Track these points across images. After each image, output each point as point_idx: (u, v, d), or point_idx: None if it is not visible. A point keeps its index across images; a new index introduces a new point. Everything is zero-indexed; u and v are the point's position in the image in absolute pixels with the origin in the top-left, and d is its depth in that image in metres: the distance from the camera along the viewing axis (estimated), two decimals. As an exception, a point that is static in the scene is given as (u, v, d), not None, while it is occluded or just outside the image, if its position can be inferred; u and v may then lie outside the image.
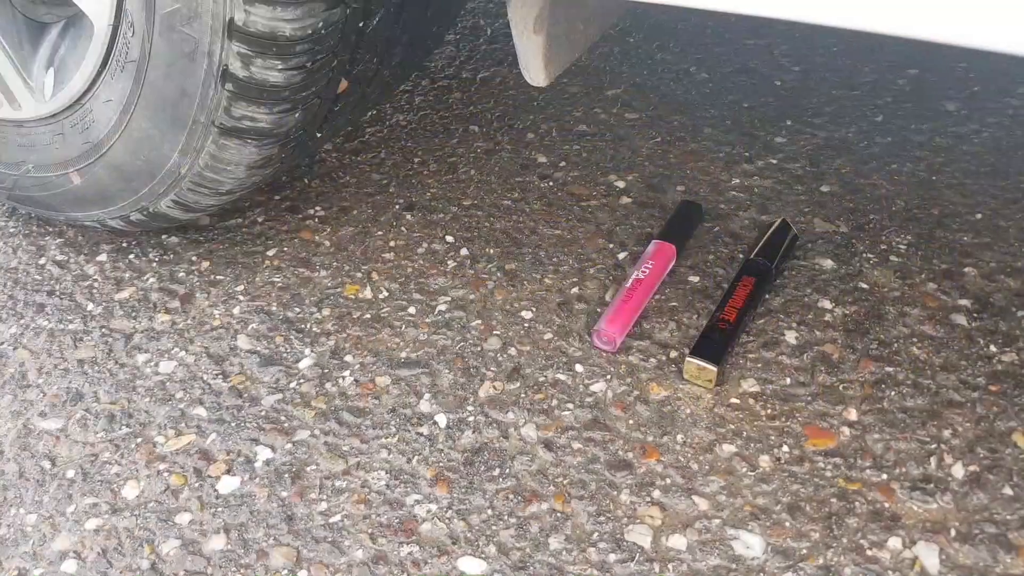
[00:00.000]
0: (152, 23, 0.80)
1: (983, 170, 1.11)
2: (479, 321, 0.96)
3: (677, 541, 0.74)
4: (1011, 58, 1.33)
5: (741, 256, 1.01)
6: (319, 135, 0.96)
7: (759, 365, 0.88)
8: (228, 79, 0.80)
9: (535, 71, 0.79)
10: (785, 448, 0.81)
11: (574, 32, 0.81)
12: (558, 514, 0.77)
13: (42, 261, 1.09)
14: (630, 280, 0.94)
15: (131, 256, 1.08)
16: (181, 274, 1.05)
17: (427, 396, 0.88)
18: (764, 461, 0.80)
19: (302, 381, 0.91)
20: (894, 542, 0.73)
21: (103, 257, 1.09)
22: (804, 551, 0.73)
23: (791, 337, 0.91)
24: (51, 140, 0.96)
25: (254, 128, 0.85)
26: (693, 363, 0.86)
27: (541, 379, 0.89)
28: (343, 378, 0.91)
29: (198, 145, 0.87)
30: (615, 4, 0.87)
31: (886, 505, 0.76)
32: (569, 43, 0.80)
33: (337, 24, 0.79)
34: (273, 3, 0.75)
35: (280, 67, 0.80)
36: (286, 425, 0.86)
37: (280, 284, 1.02)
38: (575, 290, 0.99)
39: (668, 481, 0.79)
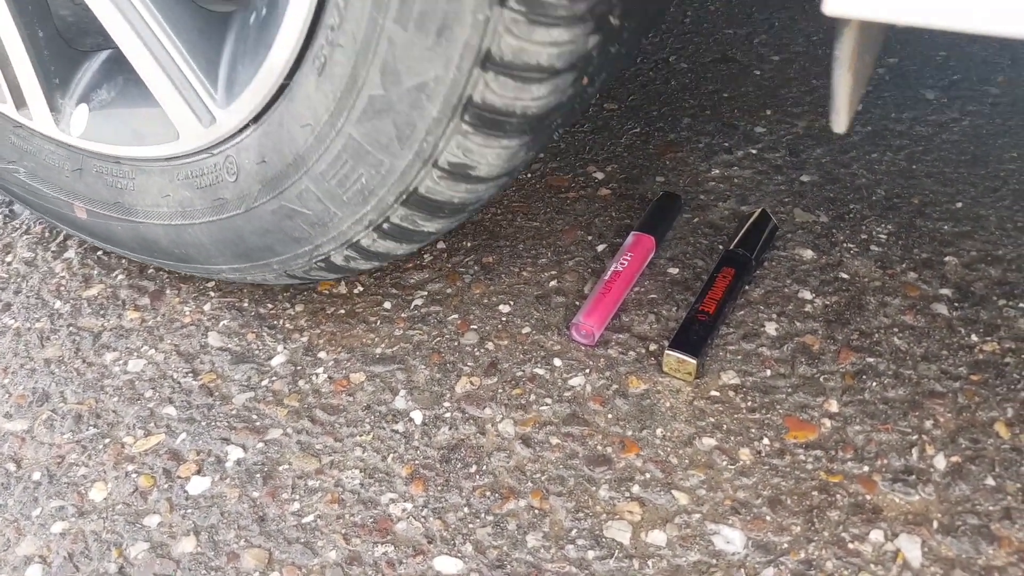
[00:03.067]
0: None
1: (963, 159, 1.10)
2: (456, 315, 0.94)
3: (657, 537, 0.73)
4: (989, 47, 1.32)
5: (721, 247, 1.00)
6: None
7: (739, 357, 0.87)
8: (470, 109, 0.67)
9: (843, 114, 0.66)
10: (766, 441, 0.80)
11: (866, 66, 0.68)
12: (536, 511, 0.76)
13: (9, 259, 1.06)
14: (609, 272, 0.93)
15: (100, 253, 1.06)
16: (151, 270, 1.03)
17: (403, 392, 0.86)
18: (744, 454, 0.79)
19: (274, 379, 0.89)
20: (876, 535, 0.72)
21: (71, 254, 1.06)
22: (785, 545, 0.72)
23: (771, 328, 0.90)
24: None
25: (479, 164, 0.72)
26: (672, 356, 0.85)
27: (519, 374, 0.87)
28: (316, 375, 0.89)
29: (417, 176, 0.73)
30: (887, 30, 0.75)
31: (868, 497, 0.75)
32: (864, 79, 0.68)
33: (591, 50, 0.66)
34: (540, 25, 0.60)
35: (530, 96, 0.66)
36: (258, 424, 0.84)
37: (253, 280, 1.00)
38: (553, 283, 0.97)
39: (647, 476, 0.78)
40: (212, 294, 0.99)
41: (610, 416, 0.83)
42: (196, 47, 0.78)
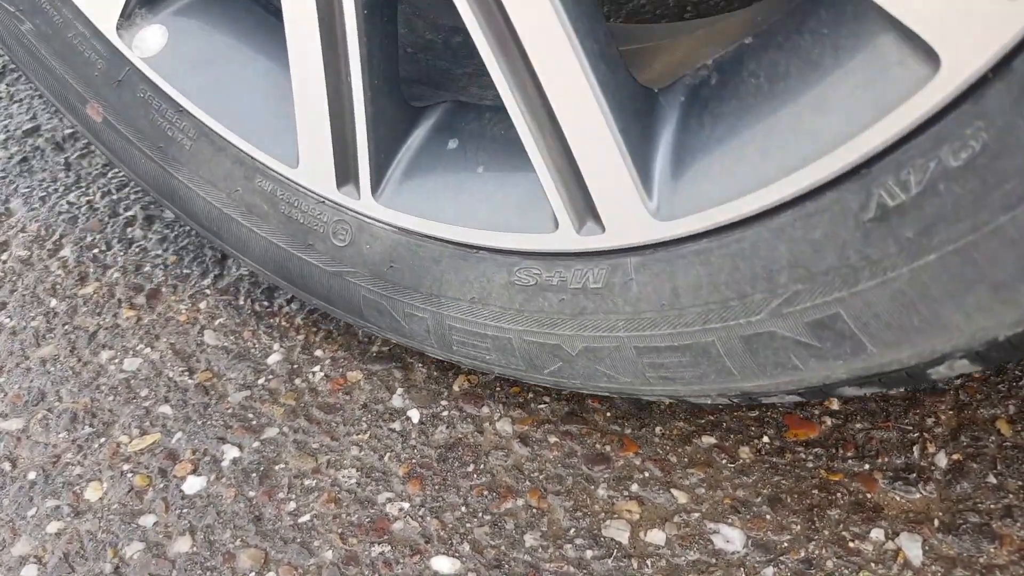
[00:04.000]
0: None
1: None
2: (453, 313, 0.93)
3: (656, 536, 0.73)
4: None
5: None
6: None
7: (739, 354, 0.87)
8: None
9: None
10: (766, 439, 0.79)
11: None
12: (534, 510, 0.75)
13: (4, 257, 1.06)
14: (607, 269, 0.92)
15: (95, 251, 1.05)
16: (147, 268, 1.02)
17: (400, 391, 0.86)
18: (744, 452, 0.78)
19: (271, 377, 0.88)
20: (877, 533, 0.71)
21: (67, 252, 1.06)
22: (785, 544, 0.71)
23: (771, 325, 0.89)
24: None
25: None
26: (671, 353, 0.84)
27: (517, 372, 0.87)
28: (313, 373, 0.88)
29: None
30: None
31: (868, 496, 0.74)
32: None
33: None
34: None
35: None
36: (254, 423, 0.84)
37: (250, 278, 1.00)
38: (551, 280, 0.96)
39: (646, 474, 0.77)
40: (208, 292, 0.98)
41: (609, 414, 0.82)
42: (380, 142, 0.68)
